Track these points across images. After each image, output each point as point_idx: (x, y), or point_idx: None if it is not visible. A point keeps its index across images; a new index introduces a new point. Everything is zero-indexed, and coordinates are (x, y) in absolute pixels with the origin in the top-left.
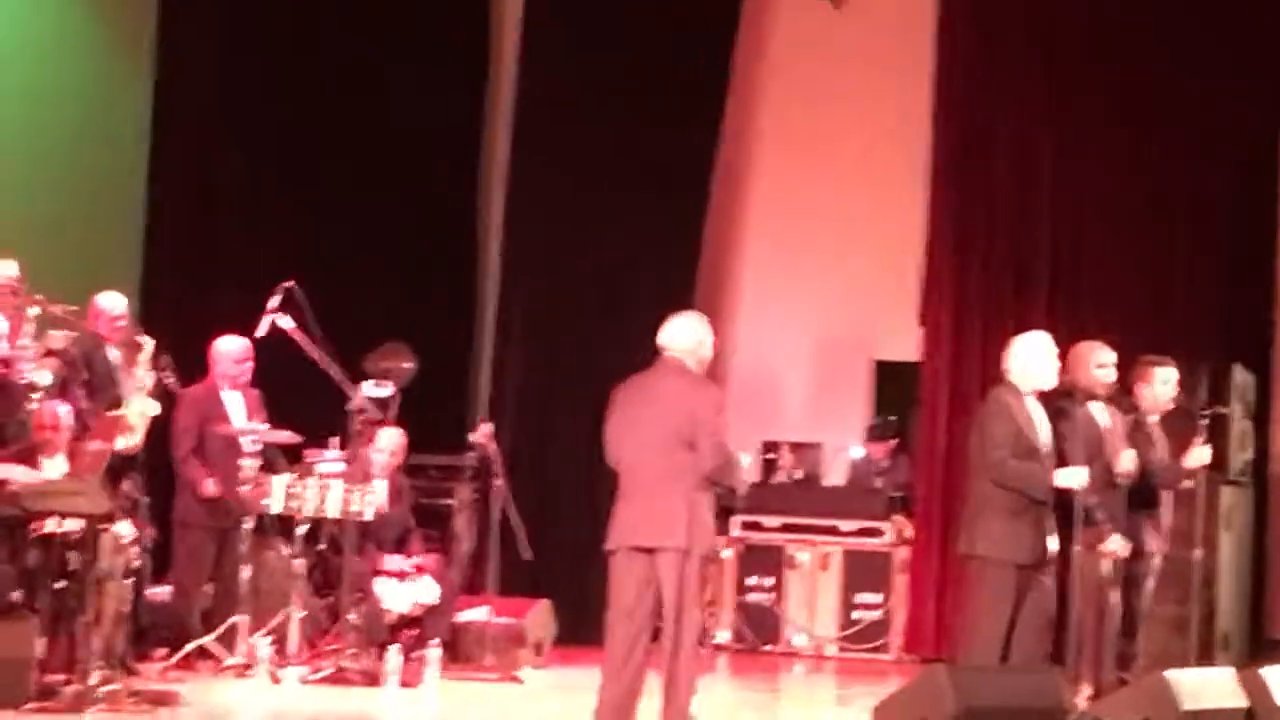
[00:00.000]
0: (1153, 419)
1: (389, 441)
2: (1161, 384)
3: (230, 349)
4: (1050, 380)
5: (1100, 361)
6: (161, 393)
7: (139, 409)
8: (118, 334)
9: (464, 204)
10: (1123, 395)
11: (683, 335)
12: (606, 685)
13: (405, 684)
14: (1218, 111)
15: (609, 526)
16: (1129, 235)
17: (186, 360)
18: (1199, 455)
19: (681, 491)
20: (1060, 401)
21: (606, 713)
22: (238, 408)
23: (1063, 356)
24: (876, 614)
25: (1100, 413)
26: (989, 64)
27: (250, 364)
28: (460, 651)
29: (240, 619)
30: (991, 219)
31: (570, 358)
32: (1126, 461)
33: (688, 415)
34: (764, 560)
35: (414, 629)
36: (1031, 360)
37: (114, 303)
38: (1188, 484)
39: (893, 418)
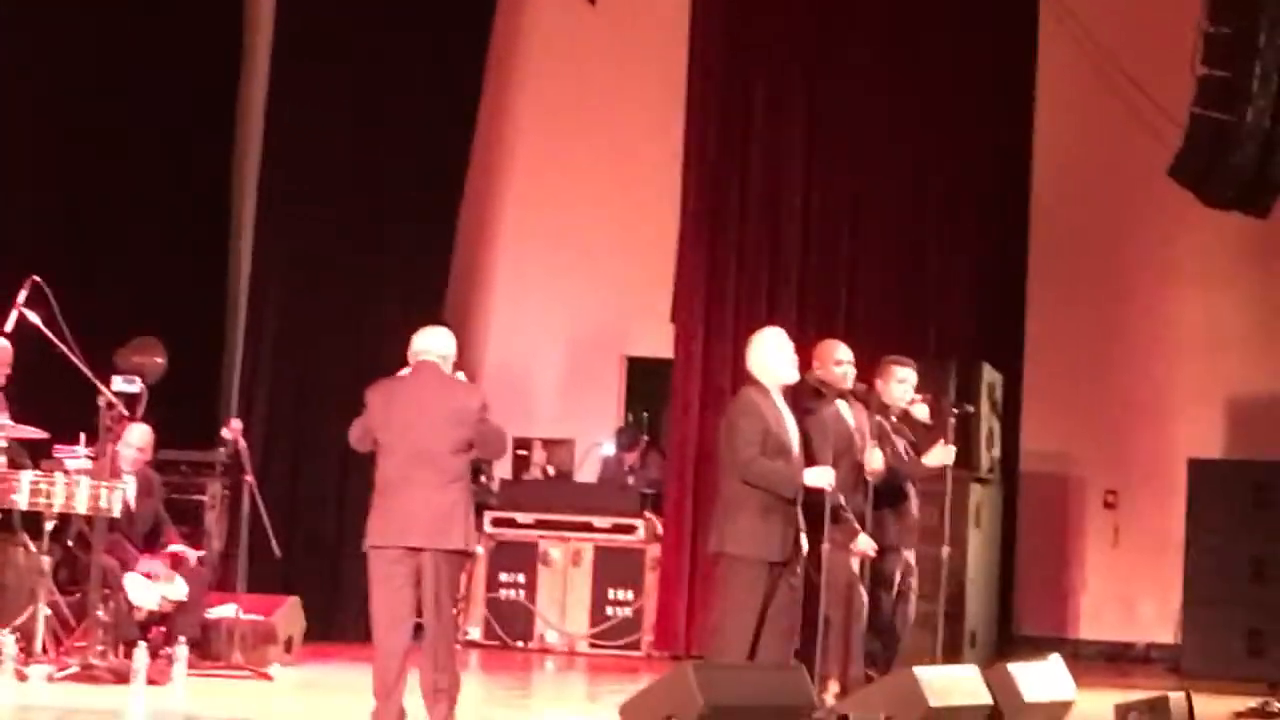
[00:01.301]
0: (894, 417)
1: (137, 437)
2: (898, 382)
3: None
4: (791, 375)
5: (838, 358)
6: None
7: None
8: None
9: (216, 201)
10: (870, 392)
11: (440, 341)
12: (380, 681)
13: (153, 681)
14: (971, 111)
15: (369, 525)
16: (882, 234)
17: None
18: (941, 454)
19: (453, 493)
20: (808, 400)
21: (384, 708)
22: None
23: (810, 355)
24: (628, 611)
25: (846, 411)
26: (742, 61)
27: (7, 368)
28: (209, 649)
29: None
30: (744, 217)
31: (321, 356)
32: (875, 460)
33: (460, 418)
34: (516, 556)
35: (163, 626)
36: (769, 355)
37: None
38: (935, 481)
39: (643, 415)
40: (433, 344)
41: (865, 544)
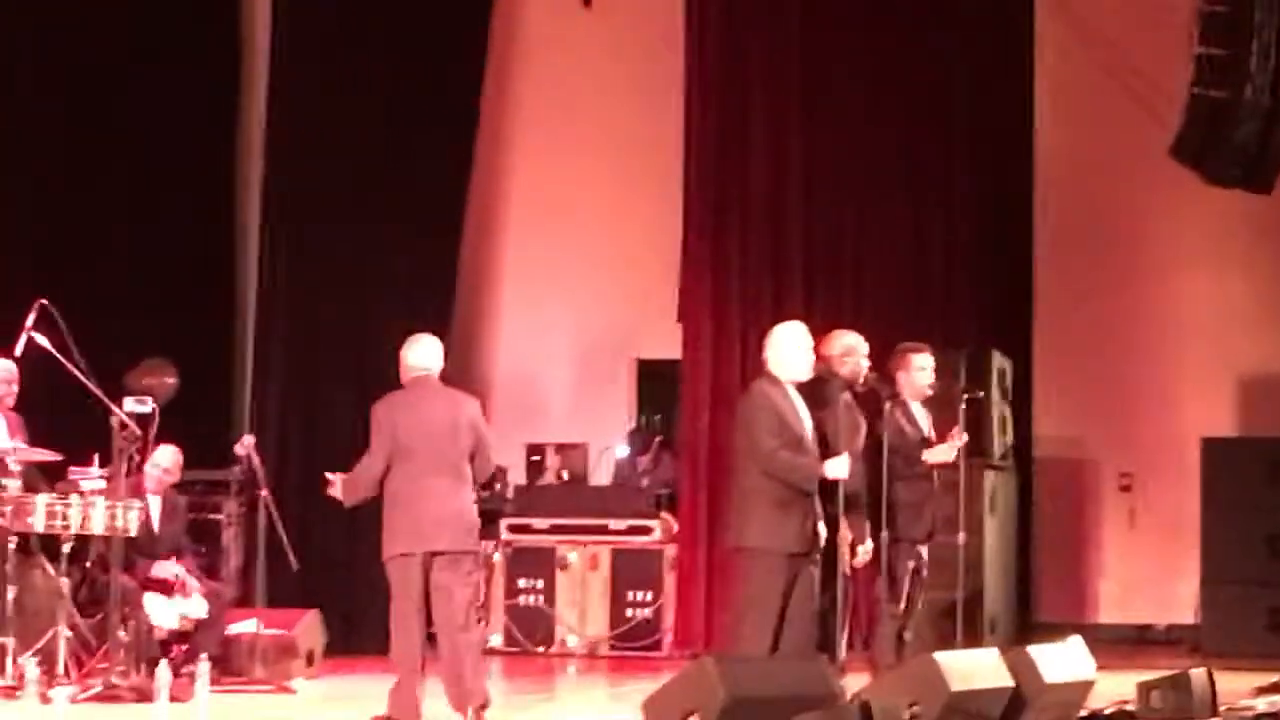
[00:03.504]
0: (914, 404)
1: (165, 458)
2: (918, 370)
3: None
4: (807, 371)
5: (842, 347)
6: None
7: None
8: None
9: (220, 219)
10: (883, 382)
11: (437, 355)
12: (405, 682)
13: (176, 699)
14: (970, 100)
15: (388, 534)
16: (885, 226)
17: None
18: (943, 453)
19: (467, 496)
20: (818, 389)
21: (408, 710)
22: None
23: (818, 347)
24: (647, 612)
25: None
26: (739, 60)
27: (15, 386)
28: (231, 664)
29: (6, 640)
30: (747, 215)
31: (330, 370)
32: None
33: (469, 424)
34: (533, 562)
35: (184, 644)
36: (788, 350)
37: None
38: (949, 470)
39: (654, 416)
40: (427, 359)
41: (863, 556)
